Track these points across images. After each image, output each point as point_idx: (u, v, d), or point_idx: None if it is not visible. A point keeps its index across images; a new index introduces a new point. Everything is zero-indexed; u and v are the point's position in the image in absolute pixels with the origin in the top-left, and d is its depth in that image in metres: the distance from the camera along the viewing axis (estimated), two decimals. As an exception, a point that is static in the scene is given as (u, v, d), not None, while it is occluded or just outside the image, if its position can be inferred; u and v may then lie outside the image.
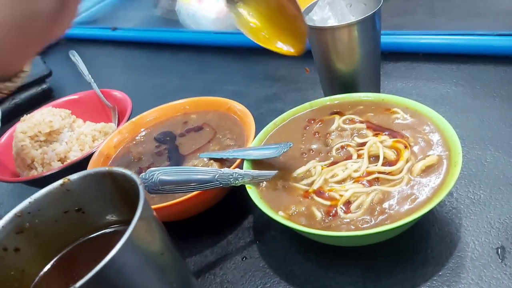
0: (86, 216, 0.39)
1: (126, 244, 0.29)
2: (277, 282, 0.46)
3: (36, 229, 0.38)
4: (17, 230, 0.37)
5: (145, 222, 0.32)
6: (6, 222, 0.37)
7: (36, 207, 0.38)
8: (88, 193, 0.39)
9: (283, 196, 0.47)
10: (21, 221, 0.37)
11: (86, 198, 0.39)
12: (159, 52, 1.12)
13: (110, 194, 0.39)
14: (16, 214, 0.37)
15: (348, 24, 0.55)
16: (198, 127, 0.66)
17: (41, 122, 0.69)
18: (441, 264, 0.43)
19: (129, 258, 0.30)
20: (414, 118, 0.52)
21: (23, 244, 0.37)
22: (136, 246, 0.31)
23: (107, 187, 0.38)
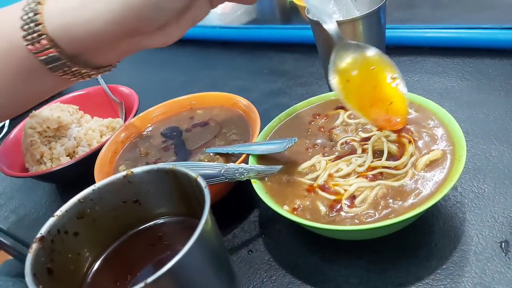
0: (141, 208, 0.41)
1: (198, 239, 0.31)
2: (283, 275, 0.46)
3: (95, 215, 0.39)
4: (78, 215, 0.38)
5: (210, 219, 0.34)
6: (70, 207, 0.38)
7: (98, 194, 0.39)
8: (148, 186, 0.40)
9: (288, 191, 0.47)
10: (83, 207, 0.39)
11: (145, 191, 0.41)
12: (165, 47, 1.12)
13: (168, 190, 0.40)
14: (80, 200, 0.38)
15: (352, 19, 0.55)
16: (204, 122, 0.66)
17: (49, 118, 0.70)
18: (445, 257, 0.43)
19: (198, 252, 0.32)
20: (419, 113, 0.52)
21: (82, 228, 0.39)
22: (204, 241, 0.32)
23: (167, 183, 0.40)
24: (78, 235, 0.38)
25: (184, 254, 0.30)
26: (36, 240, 0.35)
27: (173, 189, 0.40)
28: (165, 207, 0.42)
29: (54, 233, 0.36)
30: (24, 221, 0.68)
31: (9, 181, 0.78)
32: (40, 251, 0.35)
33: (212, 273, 0.35)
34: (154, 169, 0.40)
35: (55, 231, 0.37)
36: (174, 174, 0.39)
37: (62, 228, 0.37)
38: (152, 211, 0.42)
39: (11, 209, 0.73)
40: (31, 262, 0.33)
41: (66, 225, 0.37)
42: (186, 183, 0.38)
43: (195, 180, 0.37)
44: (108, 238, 0.41)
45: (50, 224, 0.36)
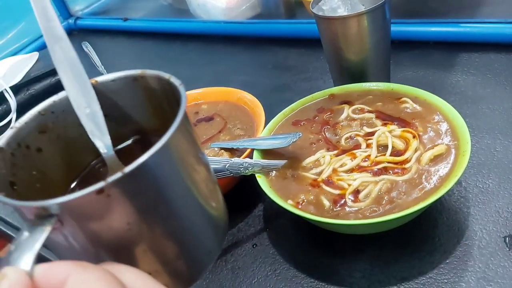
0: (112, 124, 0.36)
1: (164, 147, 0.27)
2: (287, 269, 0.47)
3: (58, 130, 0.36)
4: (40, 129, 0.35)
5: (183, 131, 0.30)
6: (30, 119, 0.34)
7: (61, 107, 0.35)
8: (116, 97, 0.36)
9: (292, 185, 0.48)
10: (44, 119, 0.35)
11: (113, 103, 0.36)
12: (170, 42, 1.12)
13: (140, 101, 0.36)
14: (40, 112, 0.35)
15: (358, 14, 0.55)
16: (209, 117, 0.67)
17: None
18: (449, 252, 0.43)
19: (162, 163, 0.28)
20: (424, 108, 0.52)
21: (45, 144, 0.35)
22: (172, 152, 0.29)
23: (138, 93, 0.36)
24: (41, 152, 0.35)
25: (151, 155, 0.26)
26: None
27: (145, 100, 0.36)
28: (138, 123, 0.38)
29: (13, 146, 0.33)
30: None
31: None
32: (0, 162, 0.31)
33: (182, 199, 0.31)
34: (121, 76, 0.35)
35: (15, 144, 0.33)
36: (144, 81, 0.35)
37: (23, 141, 0.33)
38: (125, 128, 0.38)
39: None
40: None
41: (26, 138, 0.34)
42: (159, 88, 0.34)
43: (167, 81, 0.32)
44: (80, 161, 0.37)
45: (8, 136, 0.33)
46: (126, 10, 1.36)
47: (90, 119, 0.34)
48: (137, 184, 0.27)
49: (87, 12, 1.43)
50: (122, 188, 0.26)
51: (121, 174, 0.25)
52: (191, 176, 0.32)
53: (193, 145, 0.32)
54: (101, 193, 0.25)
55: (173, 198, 0.30)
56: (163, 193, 0.29)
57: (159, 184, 0.28)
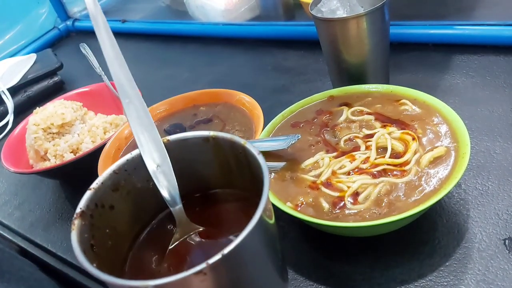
0: (181, 180, 0.38)
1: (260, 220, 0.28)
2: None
3: (129, 187, 0.37)
4: (114, 188, 0.36)
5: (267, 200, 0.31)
6: (105, 178, 0.36)
7: (133, 165, 0.37)
8: (186, 155, 0.38)
9: (291, 187, 0.47)
10: (118, 178, 0.36)
11: (182, 161, 0.38)
12: (168, 44, 1.12)
13: (209, 160, 0.38)
14: (115, 171, 0.36)
15: (356, 16, 0.55)
16: (207, 119, 0.66)
17: (53, 115, 0.70)
18: (448, 254, 0.43)
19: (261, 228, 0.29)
20: (423, 110, 0.52)
21: (117, 201, 0.37)
22: (263, 221, 0.30)
23: (207, 152, 0.37)
24: (113, 209, 0.36)
25: (244, 238, 0.27)
26: (77, 216, 0.32)
27: (213, 159, 0.37)
28: (205, 178, 0.39)
29: (92, 207, 0.34)
30: (28, 218, 0.69)
31: (13, 177, 0.79)
32: (83, 227, 0.32)
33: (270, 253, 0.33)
34: (192, 136, 0.37)
35: (93, 205, 0.34)
36: (215, 142, 0.36)
37: (99, 201, 0.35)
38: (192, 183, 0.39)
39: (15, 205, 0.73)
40: (77, 239, 0.31)
41: (102, 198, 0.35)
42: (229, 151, 0.35)
43: (242, 146, 0.34)
44: (147, 214, 0.39)
45: (87, 198, 0.34)
46: (125, 12, 1.36)
47: (162, 175, 0.36)
48: (232, 264, 0.28)
49: (85, 14, 1.43)
50: (220, 269, 0.27)
51: (220, 256, 0.26)
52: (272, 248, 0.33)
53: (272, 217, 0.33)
54: (199, 274, 0.26)
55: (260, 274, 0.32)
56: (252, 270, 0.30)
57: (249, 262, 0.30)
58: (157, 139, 0.36)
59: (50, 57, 1.11)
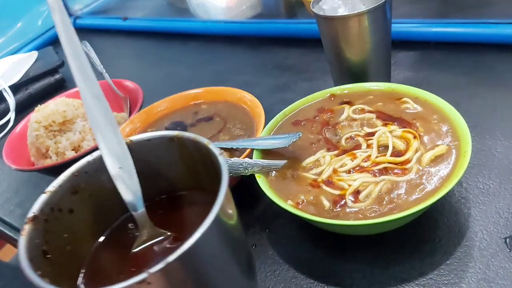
0: (144, 181, 0.36)
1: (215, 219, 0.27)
2: (286, 269, 0.46)
3: (90, 189, 0.36)
4: (73, 190, 0.35)
5: (227, 195, 0.30)
6: (63, 181, 0.34)
7: (94, 167, 0.36)
8: (150, 156, 0.36)
9: (292, 185, 0.47)
10: (77, 180, 0.35)
11: (146, 162, 0.36)
12: (170, 42, 1.12)
13: (174, 160, 0.37)
14: (74, 173, 0.35)
15: (358, 14, 0.55)
16: (208, 117, 0.66)
17: (55, 112, 0.70)
18: (449, 253, 0.43)
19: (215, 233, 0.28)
20: (424, 108, 0.51)
21: (77, 205, 0.35)
22: (221, 220, 0.29)
23: (172, 153, 0.36)
24: (73, 213, 0.35)
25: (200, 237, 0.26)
26: (28, 221, 0.31)
27: (179, 160, 0.36)
28: (171, 180, 0.38)
29: (47, 211, 0.33)
30: (30, 215, 0.69)
31: (14, 175, 0.79)
32: (34, 232, 0.31)
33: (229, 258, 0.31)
34: (156, 136, 0.36)
35: (48, 209, 0.33)
36: (180, 142, 0.35)
37: (56, 205, 0.33)
38: (156, 186, 0.38)
39: (16, 203, 0.73)
40: (25, 245, 0.29)
41: (60, 202, 0.34)
42: (195, 151, 0.34)
43: (205, 147, 0.33)
44: (109, 216, 0.38)
45: (42, 202, 0.32)
46: (126, 10, 1.36)
47: (123, 178, 0.34)
48: (181, 271, 0.26)
49: (86, 12, 1.43)
50: (167, 276, 0.25)
51: (163, 265, 0.25)
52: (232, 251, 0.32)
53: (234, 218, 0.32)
54: (142, 283, 0.24)
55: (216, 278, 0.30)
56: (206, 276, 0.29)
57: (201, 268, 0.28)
58: (119, 140, 0.34)
59: (51, 54, 1.11)
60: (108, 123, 0.33)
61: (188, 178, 0.37)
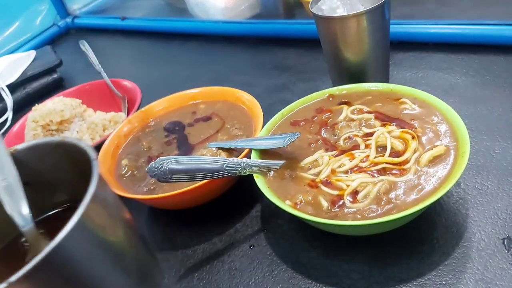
0: (37, 193, 0.35)
1: (75, 228, 0.26)
2: (284, 270, 0.46)
3: None
4: None
5: (98, 204, 0.28)
6: None
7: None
8: (37, 165, 0.35)
9: (290, 186, 0.47)
10: None
11: (35, 172, 0.35)
12: (168, 42, 1.12)
13: (64, 169, 0.35)
14: None
15: (357, 14, 0.55)
16: (206, 117, 0.66)
17: (52, 112, 0.70)
18: (447, 253, 0.43)
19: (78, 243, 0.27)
20: (423, 109, 0.51)
21: None
22: (88, 229, 0.27)
23: (60, 161, 0.34)
24: None
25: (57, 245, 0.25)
26: None
27: (70, 167, 0.34)
28: (68, 190, 0.36)
29: None
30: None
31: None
32: None
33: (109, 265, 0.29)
34: (40, 143, 0.34)
35: None
36: (64, 148, 0.33)
37: None
38: (50, 197, 0.36)
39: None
40: None
41: None
42: (80, 158, 0.32)
43: (85, 152, 0.31)
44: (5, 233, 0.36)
45: None
46: (124, 9, 1.36)
47: (7, 192, 0.32)
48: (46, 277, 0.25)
49: (85, 11, 1.43)
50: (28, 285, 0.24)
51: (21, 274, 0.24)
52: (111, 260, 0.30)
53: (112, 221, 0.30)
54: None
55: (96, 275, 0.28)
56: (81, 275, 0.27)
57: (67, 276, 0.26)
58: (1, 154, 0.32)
59: (49, 54, 1.11)
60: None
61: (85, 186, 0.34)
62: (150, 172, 0.46)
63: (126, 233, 0.32)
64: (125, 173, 0.59)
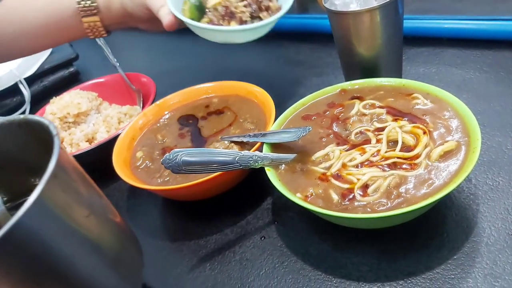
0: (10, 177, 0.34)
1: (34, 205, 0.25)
2: (294, 261, 0.47)
3: None
4: None
5: (62, 180, 0.28)
6: None
7: None
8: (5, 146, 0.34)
9: (301, 179, 0.48)
10: None
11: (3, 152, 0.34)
12: (182, 36, 1.12)
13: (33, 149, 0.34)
14: None
15: (370, 9, 0.55)
16: (219, 110, 0.67)
17: (69, 104, 0.71)
18: (456, 248, 0.43)
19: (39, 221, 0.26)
20: (435, 104, 0.52)
21: None
22: (49, 207, 0.27)
23: (27, 140, 0.34)
24: None
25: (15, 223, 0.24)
26: None
27: (37, 146, 0.33)
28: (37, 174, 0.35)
29: None
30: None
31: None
32: None
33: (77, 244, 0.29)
34: (3, 122, 0.33)
35: None
36: (29, 127, 0.32)
37: None
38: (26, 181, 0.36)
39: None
40: None
41: None
42: (45, 136, 0.31)
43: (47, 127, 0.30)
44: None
45: None
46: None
47: None
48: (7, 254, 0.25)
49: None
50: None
51: None
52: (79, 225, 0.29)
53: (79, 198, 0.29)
54: None
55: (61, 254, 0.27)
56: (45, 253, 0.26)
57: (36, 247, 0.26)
58: None
59: (66, 48, 1.12)
60: None
61: None
62: (165, 164, 0.47)
63: (95, 210, 0.31)
64: (140, 164, 0.60)
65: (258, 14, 0.68)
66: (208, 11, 0.67)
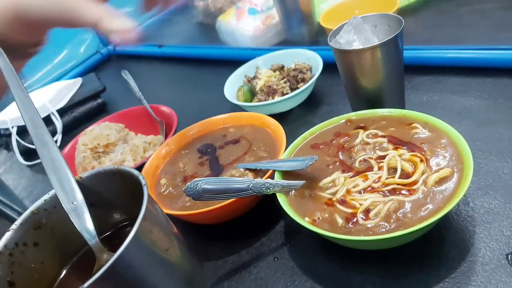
0: (100, 213, 0.41)
1: (132, 242, 0.31)
2: (304, 280, 0.51)
3: (52, 224, 0.41)
4: (35, 226, 0.40)
5: (149, 221, 0.34)
6: (24, 219, 0.39)
7: (52, 203, 0.41)
8: (100, 189, 0.41)
9: (309, 204, 0.53)
10: (38, 217, 0.40)
11: (98, 195, 0.41)
12: (201, 67, 1.20)
13: (120, 192, 0.41)
14: (33, 211, 0.40)
15: (371, 47, 0.60)
16: (235, 140, 0.73)
17: (99, 136, 0.78)
18: (454, 267, 0.47)
19: (135, 255, 0.32)
20: (432, 133, 0.56)
21: (41, 238, 0.40)
22: (142, 242, 0.33)
23: (117, 185, 0.41)
24: (38, 245, 0.40)
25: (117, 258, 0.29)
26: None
27: (124, 192, 0.40)
28: (123, 211, 0.43)
29: (11, 246, 0.37)
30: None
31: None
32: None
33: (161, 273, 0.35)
34: (101, 171, 0.40)
35: (12, 244, 0.38)
36: (120, 175, 0.40)
37: (20, 240, 0.38)
38: (111, 216, 0.43)
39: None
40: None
41: (23, 237, 0.38)
42: (134, 183, 0.38)
43: (137, 178, 0.37)
44: (73, 245, 0.42)
45: (6, 238, 0.37)
46: (161, 37, 1.46)
47: (75, 212, 0.39)
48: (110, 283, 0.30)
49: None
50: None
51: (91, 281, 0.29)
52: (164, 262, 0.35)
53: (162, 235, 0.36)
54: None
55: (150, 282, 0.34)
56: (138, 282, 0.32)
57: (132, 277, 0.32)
58: (69, 178, 0.39)
59: (94, 80, 1.21)
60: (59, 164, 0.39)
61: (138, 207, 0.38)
62: (187, 192, 0.53)
63: (175, 245, 0.38)
64: (164, 191, 0.66)
65: (296, 86, 0.84)
66: (257, 92, 0.85)
